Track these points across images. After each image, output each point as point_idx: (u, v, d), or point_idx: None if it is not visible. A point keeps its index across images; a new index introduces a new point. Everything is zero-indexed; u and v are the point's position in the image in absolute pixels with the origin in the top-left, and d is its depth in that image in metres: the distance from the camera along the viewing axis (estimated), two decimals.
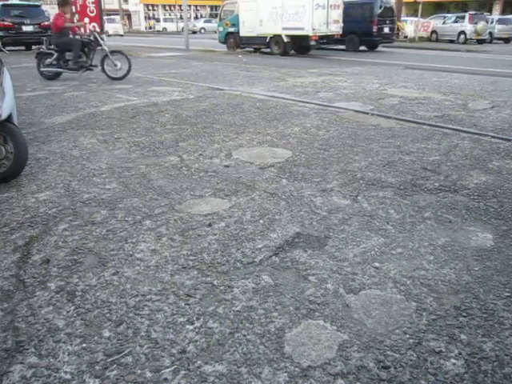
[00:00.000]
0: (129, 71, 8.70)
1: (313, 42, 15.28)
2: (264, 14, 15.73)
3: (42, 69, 8.54)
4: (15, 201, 2.98)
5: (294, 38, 15.57)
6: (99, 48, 8.46)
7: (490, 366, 1.57)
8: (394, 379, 1.51)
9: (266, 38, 16.05)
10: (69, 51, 8.32)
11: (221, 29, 18.34)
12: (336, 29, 15.86)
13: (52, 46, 8.36)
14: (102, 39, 8.37)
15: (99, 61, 8.57)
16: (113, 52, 8.55)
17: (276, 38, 15.85)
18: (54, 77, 8.70)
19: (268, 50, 16.51)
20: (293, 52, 16.40)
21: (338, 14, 15.66)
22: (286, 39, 15.59)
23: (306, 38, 15.11)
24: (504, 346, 1.66)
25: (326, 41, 16.01)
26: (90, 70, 8.66)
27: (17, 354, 1.62)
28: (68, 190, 3.18)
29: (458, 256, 2.29)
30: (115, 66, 8.54)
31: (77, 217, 2.74)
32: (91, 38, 8.44)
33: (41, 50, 8.46)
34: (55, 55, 8.31)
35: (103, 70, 8.68)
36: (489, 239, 2.47)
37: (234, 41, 17.46)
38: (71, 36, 8.56)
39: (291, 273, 2.14)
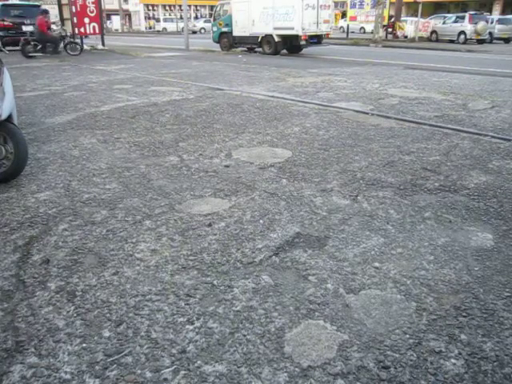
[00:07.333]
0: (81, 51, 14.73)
1: (303, 42, 15.41)
2: (256, 14, 15.89)
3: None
4: (15, 201, 2.98)
5: (285, 38, 15.71)
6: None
7: (489, 366, 1.57)
8: (394, 379, 1.51)
9: (258, 37, 16.18)
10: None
11: (215, 29, 18.47)
12: (326, 29, 15.98)
13: None
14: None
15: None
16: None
17: (267, 38, 15.99)
18: None
19: (260, 49, 16.66)
20: (285, 51, 16.52)
21: (328, 14, 15.78)
22: (276, 39, 15.73)
23: (296, 37, 15.26)
24: (504, 345, 1.66)
25: (316, 40, 16.04)
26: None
27: (17, 354, 1.62)
28: (68, 190, 3.18)
29: (458, 256, 2.29)
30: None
31: (77, 217, 2.74)
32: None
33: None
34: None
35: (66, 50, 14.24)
36: (489, 239, 2.47)
37: (228, 40, 17.59)
38: None
39: (291, 273, 2.14)
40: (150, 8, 50.80)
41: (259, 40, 16.23)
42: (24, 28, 15.99)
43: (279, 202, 2.97)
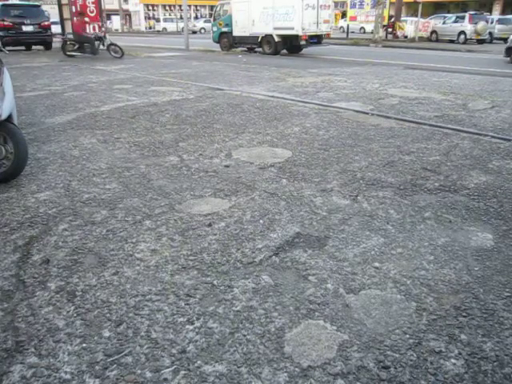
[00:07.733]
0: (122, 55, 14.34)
1: (303, 42, 15.45)
2: (256, 14, 15.93)
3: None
4: (15, 201, 2.98)
5: (285, 38, 15.74)
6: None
7: (489, 366, 1.57)
8: (394, 379, 1.51)
9: (258, 37, 16.21)
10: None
11: (215, 29, 18.51)
12: (326, 29, 16.03)
13: None
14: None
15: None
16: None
17: (267, 38, 16.03)
18: None
19: (260, 49, 16.70)
20: (285, 51, 16.55)
21: (328, 14, 15.83)
22: (276, 39, 15.78)
23: (296, 37, 15.29)
24: (504, 345, 1.66)
25: (316, 40, 16.06)
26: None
27: (17, 354, 1.62)
28: (68, 189, 3.18)
29: (458, 256, 2.29)
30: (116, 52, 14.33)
31: (77, 217, 2.74)
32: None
33: None
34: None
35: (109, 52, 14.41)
36: (489, 239, 2.47)
37: (228, 40, 17.63)
38: None
39: (291, 273, 2.14)
40: (150, 8, 50.80)
41: (259, 40, 16.26)
42: (24, 28, 16.00)
43: (279, 202, 2.97)
